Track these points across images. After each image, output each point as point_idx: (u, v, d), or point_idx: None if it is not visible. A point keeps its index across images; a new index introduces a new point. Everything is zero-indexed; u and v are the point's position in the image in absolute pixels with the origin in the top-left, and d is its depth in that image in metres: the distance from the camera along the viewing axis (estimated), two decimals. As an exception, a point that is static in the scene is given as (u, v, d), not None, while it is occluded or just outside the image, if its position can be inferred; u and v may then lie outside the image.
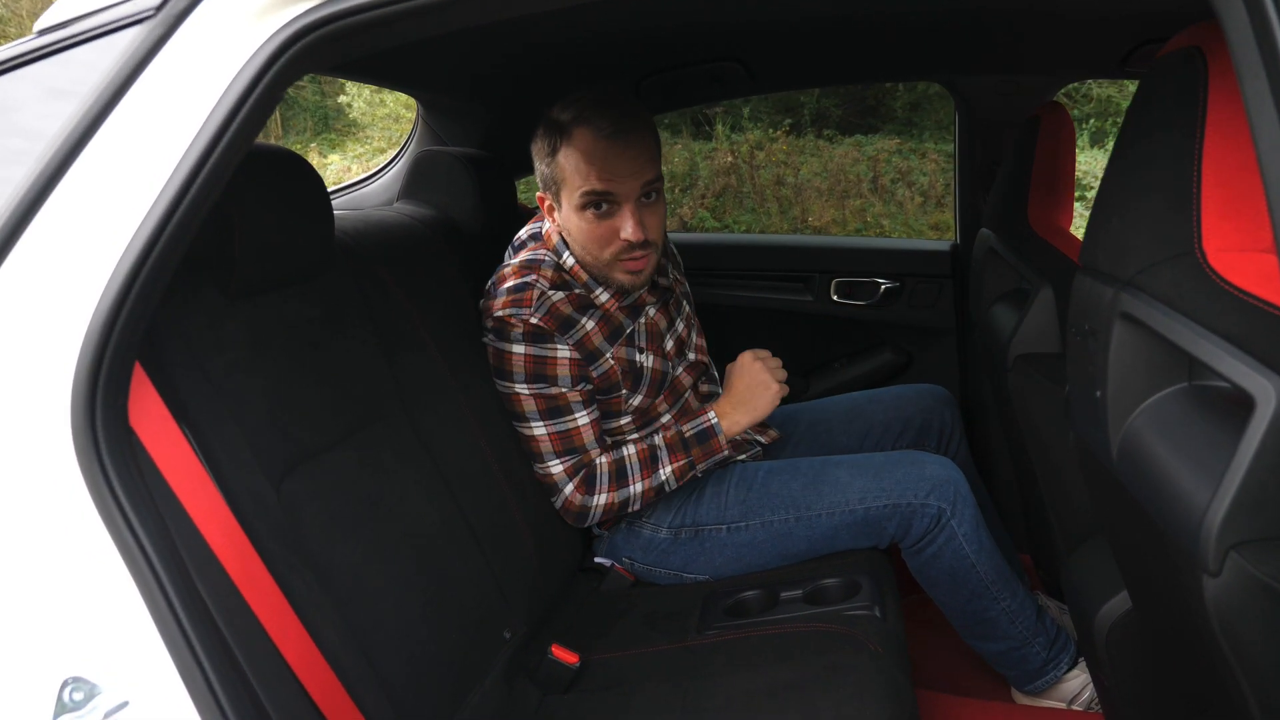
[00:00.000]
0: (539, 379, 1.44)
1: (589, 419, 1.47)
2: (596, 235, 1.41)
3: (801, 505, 1.48)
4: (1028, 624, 1.50)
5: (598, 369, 1.48)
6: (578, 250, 1.46)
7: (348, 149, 8.74)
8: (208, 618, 0.77)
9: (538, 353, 1.43)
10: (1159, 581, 0.88)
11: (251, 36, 0.70)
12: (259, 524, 0.92)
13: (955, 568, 1.45)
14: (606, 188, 1.37)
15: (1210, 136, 0.70)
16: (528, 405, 1.45)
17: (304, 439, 1.06)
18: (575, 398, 1.45)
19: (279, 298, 1.10)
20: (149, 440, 0.81)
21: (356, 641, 1.00)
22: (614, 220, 1.39)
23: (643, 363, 1.53)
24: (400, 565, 1.12)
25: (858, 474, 1.48)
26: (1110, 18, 1.52)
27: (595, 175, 1.36)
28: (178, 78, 0.72)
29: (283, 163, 1.07)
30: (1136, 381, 0.79)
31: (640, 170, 1.38)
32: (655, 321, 1.58)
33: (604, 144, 1.35)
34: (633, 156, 1.37)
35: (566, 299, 1.45)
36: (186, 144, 0.71)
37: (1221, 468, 0.65)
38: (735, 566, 1.52)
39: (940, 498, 1.43)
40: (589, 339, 1.47)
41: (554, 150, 1.39)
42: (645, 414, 1.56)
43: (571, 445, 1.47)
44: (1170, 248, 0.73)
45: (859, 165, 7.17)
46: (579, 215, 1.40)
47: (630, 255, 1.42)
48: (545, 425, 1.45)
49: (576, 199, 1.38)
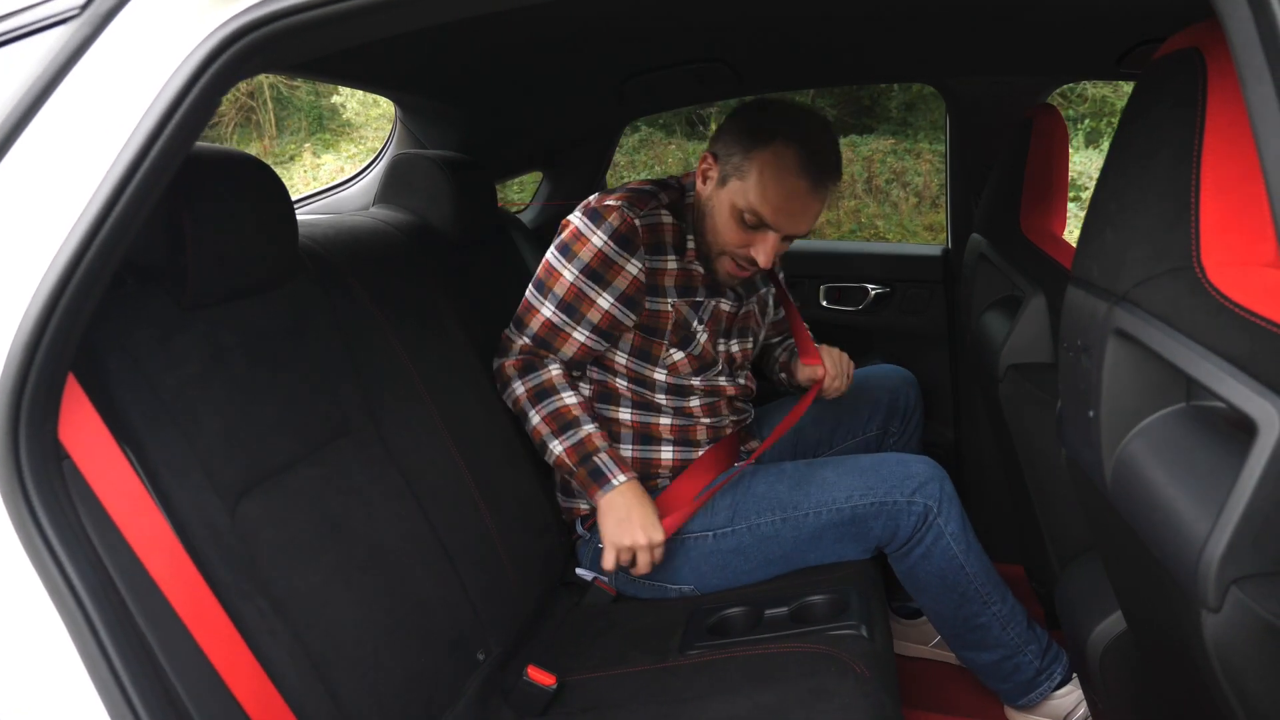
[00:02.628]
0: (594, 276, 1.43)
1: (586, 337, 1.47)
2: (732, 235, 1.42)
3: (788, 506, 1.47)
4: (1019, 630, 1.47)
5: (654, 304, 1.47)
6: (705, 226, 1.47)
7: (342, 149, 8.72)
8: (146, 656, 0.72)
9: (613, 254, 1.42)
10: (1155, 610, 0.84)
11: (185, 37, 0.65)
12: (209, 550, 0.87)
13: (945, 569, 1.43)
14: (771, 220, 1.38)
15: (1209, 143, 0.66)
16: (558, 286, 1.45)
17: (263, 457, 1.01)
18: (597, 315, 1.45)
19: (238, 309, 1.06)
20: (85, 464, 0.76)
21: (315, 671, 0.95)
22: (754, 236, 1.41)
23: (697, 331, 1.51)
24: (365, 588, 1.07)
25: (844, 473, 1.47)
26: (1106, 18, 1.48)
27: (770, 206, 1.37)
28: (105, 81, 0.67)
29: (240, 167, 1.02)
30: (1131, 401, 0.75)
31: (808, 221, 1.41)
32: (722, 314, 1.56)
33: (798, 182, 1.35)
34: (810, 206, 1.39)
35: (673, 227, 1.47)
36: (117, 150, 0.66)
37: (1222, 496, 0.62)
38: (720, 576, 1.49)
39: (926, 496, 1.42)
40: (664, 276, 1.47)
41: (753, 145, 1.37)
42: (681, 388, 1.54)
43: (551, 342, 1.47)
44: (1167, 261, 0.68)
45: (853, 166, 7.15)
46: (729, 212, 1.41)
47: (745, 266, 1.45)
48: (553, 311, 1.46)
49: (741, 203, 1.39)
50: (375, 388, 1.24)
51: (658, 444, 1.56)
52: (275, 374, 1.08)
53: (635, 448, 1.55)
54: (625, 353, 1.51)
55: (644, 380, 1.53)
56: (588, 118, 2.21)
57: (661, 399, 1.54)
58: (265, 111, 8.84)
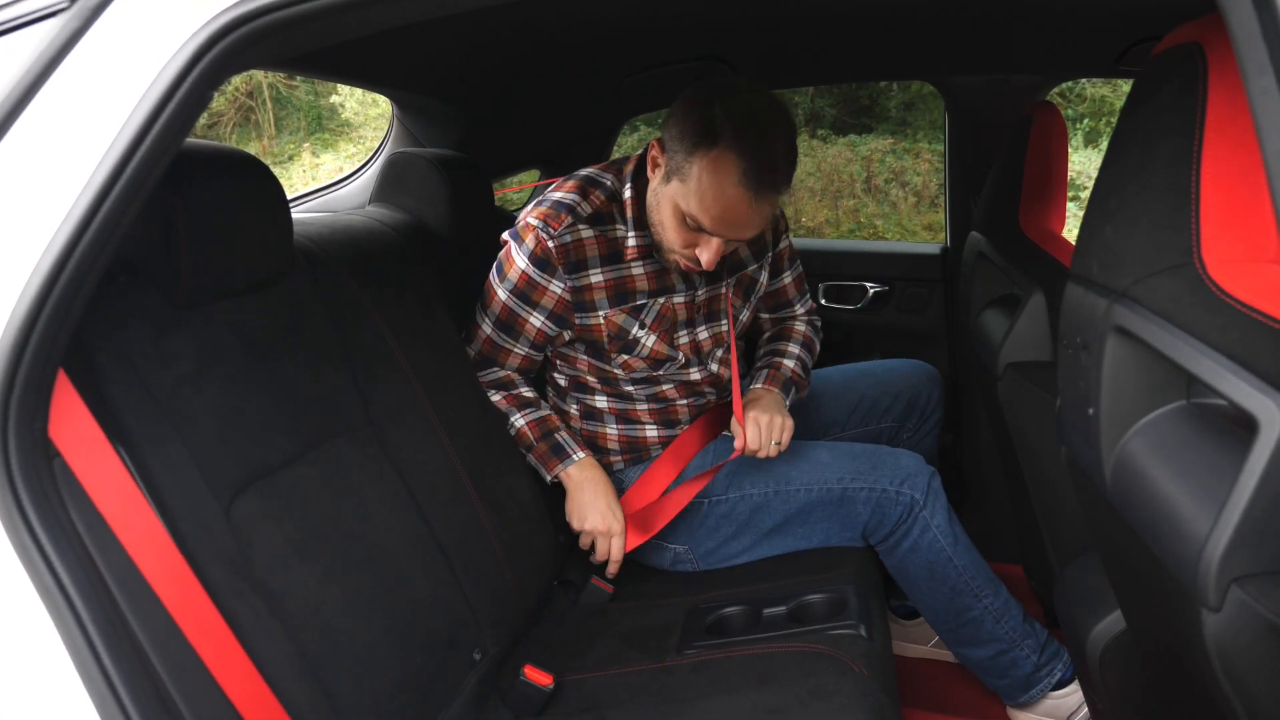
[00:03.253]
0: (521, 296, 1.46)
1: (525, 351, 1.51)
2: (676, 236, 1.37)
3: (781, 479, 1.51)
4: (1014, 624, 1.47)
5: (584, 319, 1.47)
6: (653, 218, 1.41)
7: (341, 149, 8.71)
8: (138, 656, 0.72)
9: (535, 276, 1.44)
10: (1155, 609, 0.83)
11: (176, 30, 0.65)
12: (202, 549, 0.87)
13: (933, 561, 1.44)
14: (711, 228, 1.32)
15: (1210, 138, 0.66)
16: (494, 304, 1.48)
17: (258, 456, 1.01)
18: (531, 331, 1.48)
19: (232, 307, 1.05)
20: (76, 462, 0.75)
21: (310, 671, 0.94)
22: (698, 238, 1.35)
23: (638, 336, 1.49)
24: (361, 588, 1.07)
25: (838, 456, 1.51)
26: (1105, 16, 1.47)
27: (709, 215, 1.30)
28: (95, 74, 0.66)
29: (234, 164, 1.02)
30: (1131, 399, 0.75)
31: (749, 229, 1.34)
32: (674, 309, 1.51)
33: (738, 192, 1.26)
34: (752, 216, 1.30)
35: (596, 239, 1.43)
36: (107, 144, 0.66)
37: (1223, 494, 0.61)
38: (713, 539, 1.54)
39: (913, 488, 1.45)
40: (590, 291, 1.45)
41: (695, 146, 1.27)
42: (645, 379, 1.55)
43: (494, 357, 1.52)
44: (1168, 258, 0.68)
45: (852, 165, 7.14)
46: (672, 212, 1.35)
47: (694, 264, 1.39)
48: (491, 329, 1.50)
49: (682, 206, 1.32)
50: (371, 386, 1.24)
51: (640, 424, 1.58)
52: (270, 372, 1.07)
53: (620, 427, 1.58)
54: (581, 352, 1.54)
55: (607, 376, 1.55)
56: (586, 116, 2.21)
57: (630, 389, 1.56)
58: (264, 111, 8.84)
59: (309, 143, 8.80)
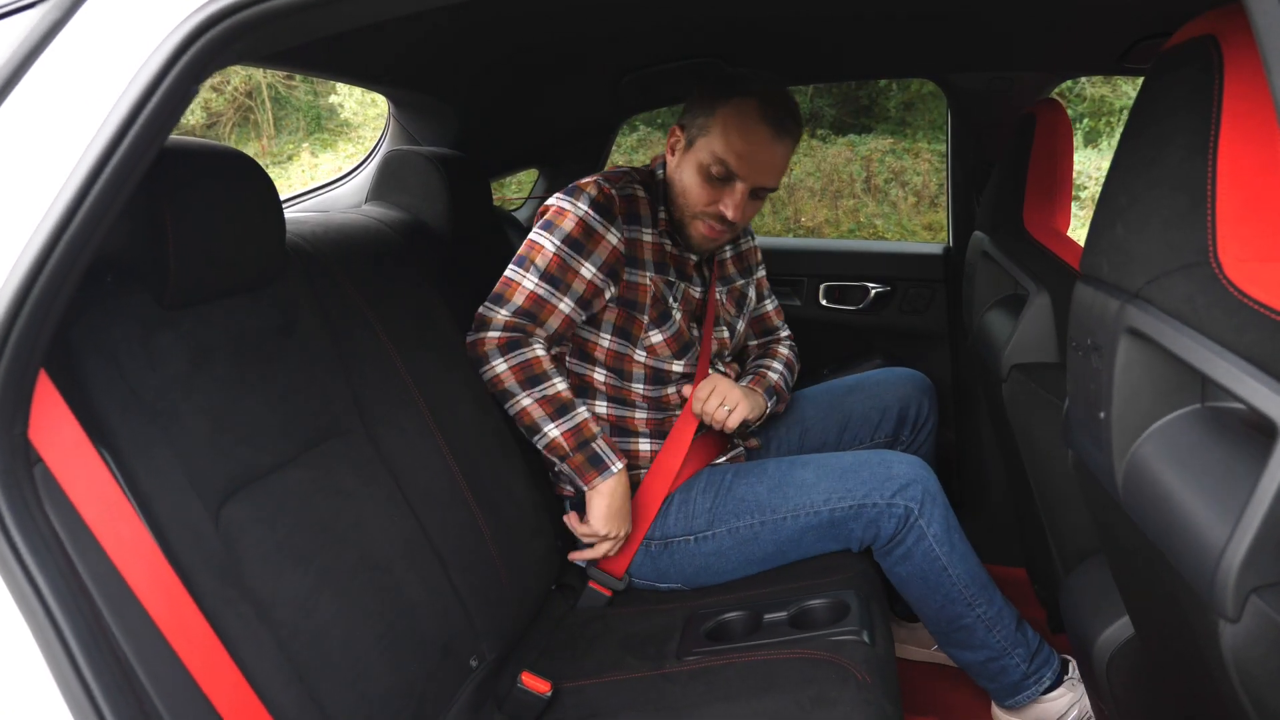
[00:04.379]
0: (575, 246, 1.43)
1: (569, 309, 1.45)
2: (701, 193, 1.46)
3: (767, 509, 1.46)
4: (1005, 633, 1.46)
5: (632, 275, 1.48)
6: (676, 192, 1.50)
7: (340, 149, 8.71)
8: (120, 668, 0.70)
9: (594, 222, 1.44)
10: (1167, 616, 0.81)
11: (157, 25, 0.63)
12: (190, 556, 0.84)
13: (926, 570, 1.42)
14: (736, 168, 1.42)
15: (1226, 134, 0.64)
16: (540, 258, 1.43)
17: (248, 459, 0.98)
18: (581, 284, 1.44)
19: (224, 308, 1.03)
20: (59, 467, 0.73)
21: (301, 680, 0.92)
22: (722, 192, 1.45)
23: (673, 309, 1.53)
24: (354, 593, 1.04)
25: (823, 475, 1.46)
26: (1110, 13, 1.45)
27: (735, 153, 1.41)
28: (75, 67, 0.64)
29: (224, 161, 0.99)
30: (1144, 402, 0.73)
31: (774, 172, 1.45)
32: (693, 297, 1.59)
33: (760, 128, 1.40)
34: (776, 156, 1.43)
35: (645, 200, 1.51)
36: (88, 140, 0.64)
37: (1240, 502, 0.59)
38: (707, 575, 1.51)
39: (907, 498, 1.41)
40: (642, 248, 1.49)
41: (715, 104, 1.42)
42: (659, 372, 1.54)
43: (537, 314, 1.44)
44: (1182, 257, 0.66)
45: (852, 165, 7.13)
46: (698, 170, 1.45)
47: (716, 224, 1.48)
48: (536, 283, 1.43)
49: (706, 157, 1.43)
50: (365, 388, 1.22)
51: (635, 436, 1.56)
52: (262, 374, 1.05)
53: (615, 439, 1.56)
54: (607, 334, 1.51)
55: (623, 370, 1.53)
56: (583, 114, 2.19)
57: (639, 389, 1.54)
58: (263, 111, 8.83)
59: (308, 143, 8.80)
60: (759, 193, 1.48)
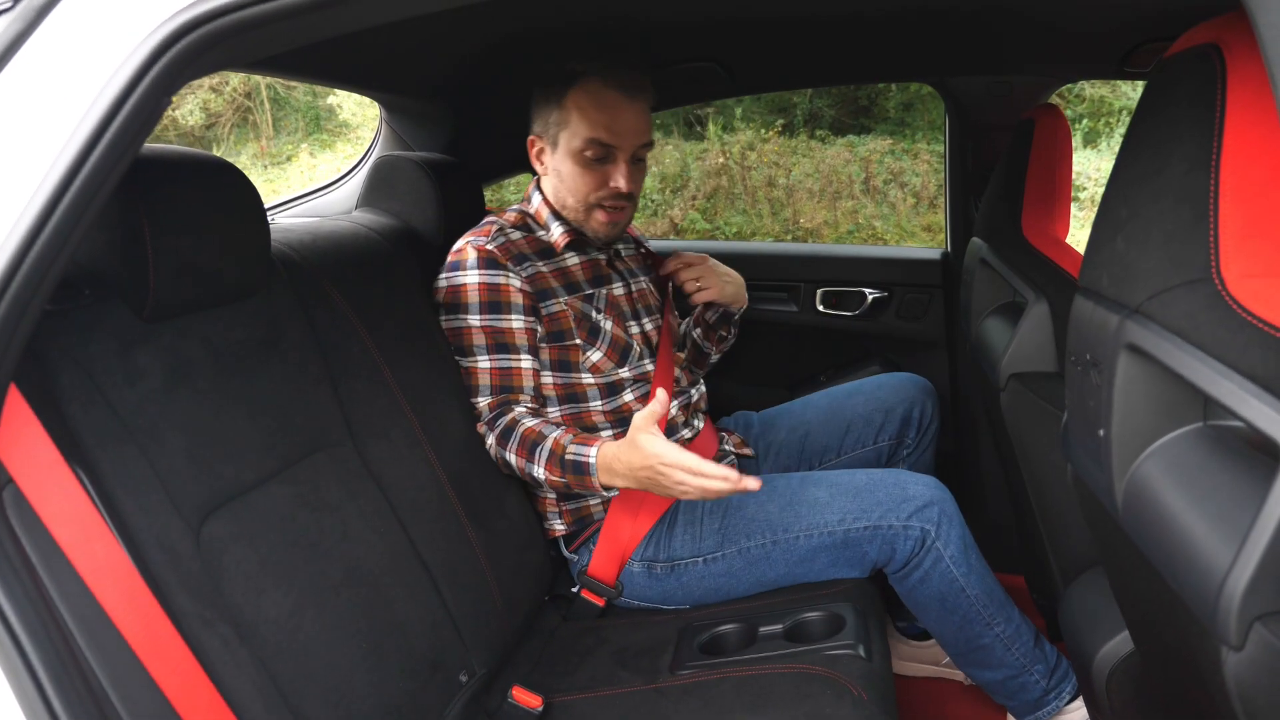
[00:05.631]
0: (493, 308, 1.44)
1: (531, 364, 1.46)
2: (586, 181, 1.47)
3: (779, 528, 1.40)
4: (1024, 650, 1.43)
5: (548, 308, 1.48)
6: (562, 193, 1.50)
7: (339, 150, 8.69)
8: (92, 697, 0.68)
9: (490, 280, 1.44)
10: (1168, 636, 0.79)
11: (129, 32, 0.61)
12: (168, 576, 0.83)
13: (944, 592, 1.38)
14: (609, 139, 1.43)
15: (1229, 145, 0.62)
16: (477, 339, 1.44)
17: (230, 476, 0.96)
18: (522, 338, 1.45)
19: (205, 320, 1.01)
20: (30, 487, 0.71)
21: (284, 702, 0.90)
22: (605, 170, 1.46)
23: (599, 321, 1.52)
24: (339, 610, 1.02)
25: (837, 494, 1.41)
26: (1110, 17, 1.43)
27: (602, 125, 1.43)
28: (43, 77, 0.62)
29: (204, 169, 0.97)
30: (1145, 420, 0.71)
31: (641, 131, 1.46)
32: (617, 298, 1.59)
33: (614, 96, 1.43)
34: (637, 114, 1.45)
35: (525, 240, 1.50)
36: (56, 150, 0.62)
37: (1243, 525, 0.57)
38: (714, 596, 1.46)
39: (924, 520, 1.37)
40: (542, 277, 1.49)
41: (562, 94, 1.44)
42: (611, 384, 1.52)
43: (509, 384, 1.45)
44: (1184, 272, 0.64)
45: (851, 166, 7.11)
46: (574, 159, 1.46)
47: (614, 204, 1.49)
48: (490, 359, 1.45)
49: (577, 144, 1.44)
50: (353, 400, 1.20)
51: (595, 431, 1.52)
52: (245, 388, 1.03)
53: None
54: (549, 371, 1.49)
55: (576, 395, 1.50)
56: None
57: (597, 407, 1.51)
58: (262, 112, 8.81)
59: (307, 143, 8.78)
60: (638, 158, 1.49)
